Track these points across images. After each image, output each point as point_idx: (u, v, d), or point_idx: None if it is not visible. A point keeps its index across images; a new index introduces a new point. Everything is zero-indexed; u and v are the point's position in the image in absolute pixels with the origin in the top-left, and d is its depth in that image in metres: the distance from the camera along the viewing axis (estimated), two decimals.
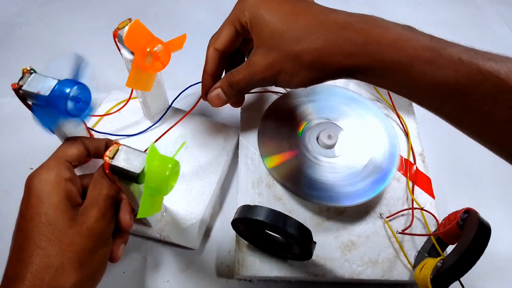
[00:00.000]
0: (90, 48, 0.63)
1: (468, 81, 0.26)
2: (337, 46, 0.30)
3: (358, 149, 0.46)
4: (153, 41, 0.36)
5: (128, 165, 0.31)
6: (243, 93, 0.41)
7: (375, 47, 0.29)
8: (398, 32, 0.29)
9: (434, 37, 0.29)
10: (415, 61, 0.28)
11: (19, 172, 0.49)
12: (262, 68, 0.35)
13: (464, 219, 0.36)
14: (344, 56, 0.30)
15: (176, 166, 0.31)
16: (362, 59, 0.29)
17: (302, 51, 0.31)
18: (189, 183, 0.46)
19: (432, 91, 0.28)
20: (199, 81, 0.42)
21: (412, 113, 0.52)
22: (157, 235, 0.43)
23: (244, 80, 0.37)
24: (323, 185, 0.44)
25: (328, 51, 0.30)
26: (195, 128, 0.50)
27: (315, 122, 0.48)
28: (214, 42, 0.40)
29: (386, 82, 0.30)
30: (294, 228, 0.34)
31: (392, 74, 0.29)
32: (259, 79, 0.36)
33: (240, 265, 0.40)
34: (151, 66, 0.37)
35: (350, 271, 0.40)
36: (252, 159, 0.47)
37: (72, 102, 0.33)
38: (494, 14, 0.74)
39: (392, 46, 0.28)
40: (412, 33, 0.29)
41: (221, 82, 0.39)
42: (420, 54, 0.28)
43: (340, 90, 0.51)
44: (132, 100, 0.49)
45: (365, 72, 0.30)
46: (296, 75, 0.33)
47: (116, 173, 0.31)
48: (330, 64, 0.31)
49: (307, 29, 0.31)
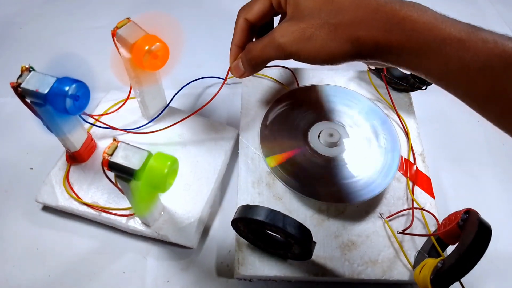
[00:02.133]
0: (90, 48, 0.63)
1: (500, 63, 0.26)
2: (375, 22, 0.30)
3: (359, 149, 0.46)
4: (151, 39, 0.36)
5: (126, 162, 0.31)
6: (260, 66, 0.39)
7: (411, 25, 0.29)
8: (434, 14, 0.29)
9: (471, 24, 0.29)
10: (449, 41, 0.28)
11: (19, 172, 0.49)
12: (289, 34, 0.33)
13: (465, 220, 0.36)
14: (381, 33, 0.30)
15: (175, 163, 0.31)
16: (397, 37, 0.29)
17: (341, 23, 0.31)
18: (187, 182, 0.46)
19: (463, 72, 0.28)
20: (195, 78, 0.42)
21: (412, 113, 0.52)
22: (154, 234, 0.43)
23: (262, 52, 0.36)
24: (324, 183, 0.44)
25: (366, 26, 0.30)
26: (194, 128, 0.50)
27: (317, 121, 0.48)
28: (246, 12, 0.38)
29: (417, 64, 0.30)
30: (294, 228, 0.34)
31: (424, 54, 0.29)
32: (282, 47, 0.34)
33: (240, 265, 0.40)
34: (149, 65, 0.37)
35: (350, 270, 0.40)
36: (252, 158, 0.47)
37: (71, 100, 0.33)
38: (494, 14, 0.74)
39: (427, 27, 0.29)
40: (449, 18, 0.29)
41: (241, 54, 0.39)
42: (455, 35, 0.28)
43: (341, 90, 0.51)
44: (130, 100, 0.49)
45: (397, 52, 0.30)
46: (326, 46, 0.32)
47: (115, 170, 0.31)
48: (365, 40, 0.31)
49: (348, 4, 0.31)
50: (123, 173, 0.31)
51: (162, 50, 0.37)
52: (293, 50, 0.33)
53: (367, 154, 0.46)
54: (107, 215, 0.43)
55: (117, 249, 0.44)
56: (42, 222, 0.46)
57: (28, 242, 0.44)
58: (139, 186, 0.33)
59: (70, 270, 0.43)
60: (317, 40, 0.32)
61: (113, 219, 0.43)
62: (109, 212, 0.43)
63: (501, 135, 0.58)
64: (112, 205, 0.44)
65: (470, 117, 0.57)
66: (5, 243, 0.44)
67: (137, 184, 0.33)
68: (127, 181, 0.33)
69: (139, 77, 0.42)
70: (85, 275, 0.43)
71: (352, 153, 0.46)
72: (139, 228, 0.43)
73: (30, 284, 0.42)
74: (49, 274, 0.42)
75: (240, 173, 0.46)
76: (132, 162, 0.30)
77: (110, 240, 0.45)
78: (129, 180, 0.32)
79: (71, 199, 0.44)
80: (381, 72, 0.53)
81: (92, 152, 0.47)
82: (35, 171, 0.49)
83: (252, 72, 0.39)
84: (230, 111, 0.56)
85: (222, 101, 0.57)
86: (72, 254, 0.44)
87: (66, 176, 0.45)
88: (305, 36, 0.33)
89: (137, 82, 0.43)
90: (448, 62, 0.28)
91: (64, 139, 0.42)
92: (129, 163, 0.30)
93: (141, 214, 0.41)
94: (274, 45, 0.34)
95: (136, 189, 0.34)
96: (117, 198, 0.44)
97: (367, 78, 0.54)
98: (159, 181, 0.30)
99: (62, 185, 0.45)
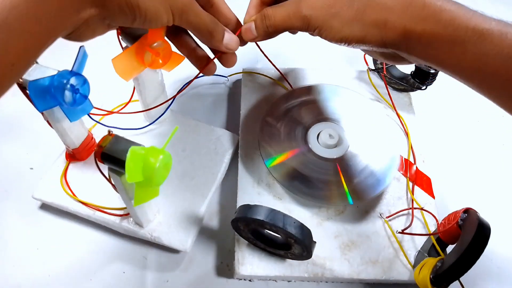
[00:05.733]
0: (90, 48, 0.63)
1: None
2: (409, 10, 0.30)
3: (359, 149, 0.46)
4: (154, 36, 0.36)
5: (118, 154, 0.31)
6: (276, 34, 0.36)
7: (449, 15, 0.29)
8: (461, 8, 0.30)
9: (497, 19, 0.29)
10: (472, 34, 0.28)
11: (19, 172, 0.49)
12: (317, 8, 0.32)
13: (464, 219, 0.36)
14: (413, 21, 0.30)
15: (167, 158, 0.31)
16: (432, 26, 0.29)
17: (371, 4, 0.31)
18: (185, 186, 0.46)
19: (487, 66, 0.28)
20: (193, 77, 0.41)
21: (412, 113, 0.52)
22: (147, 236, 0.42)
23: (284, 21, 0.34)
24: (323, 185, 0.44)
25: (398, 12, 0.30)
26: (194, 133, 0.50)
27: (316, 121, 0.48)
28: None
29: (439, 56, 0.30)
30: (294, 228, 0.34)
31: (447, 46, 0.29)
32: (307, 20, 0.33)
33: (240, 265, 0.40)
34: (151, 63, 0.37)
35: (350, 270, 0.40)
36: (252, 158, 0.47)
37: (70, 92, 0.34)
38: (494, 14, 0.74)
39: (466, 17, 0.29)
40: (475, 12, 0.29)
41: (257, 17, 0.36)
42: (479, 28, 0.28)
43: (340, 90, 0.52)
44: (132, 102, 0.49)
45: (427, 42, 0.30)
46: (351, 26, 0.32)
47: (107, 161, 0.31)
48: (394, 26, 0.30)
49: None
50: (115, 165, 0.31)
51: (164, 48, 0.36)
52: (318, 24, 0.33)
53: (366, 154, 0.46)
54: (101, 214, 0.43)
55: (117, 249, 0.44)
56: (42, 222, 0.46)
57: (28, 241, 0.44)
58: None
59: (70, 270, 0.43)
60: (343, 18, 0.32)
61: (107, 218, 0.43)
62: (103, 211, 0.43)
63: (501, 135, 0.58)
64: (107, 205, 0.44)
65: (470, 117, 0.57)
66: (5, 243, 0.44)
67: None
68: (119, 174, 0.33)
69: (141, 76, 0.42)
70: (85, 275, 0.43)
71: (352, 153, 0.46)
72: (132, 228, 0.43)
73: (30, 283, 0.42)
74: (49, 274, 0.42)
75: (240, 173, 0.46)
76: (124, 154, 0.30)
77: (110, 240, 0.45)
78: (121, 173, 0.32)
79: (67, 197, 0.44)
80: (381, 72, 0.53)
81: (91, 151, 0.47)
82: (35, 171, 0.49)
83: (265, 39, 0.37)
84: (230, 111, 0.56)
85: (222, 101, 0.57)
86: (72, 254, 0.44)
87: (64, 174, 0.45)
88: (332, 12, 0.32)
89: (139, 81, 0.43)
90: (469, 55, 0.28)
91: (63, 134, 0.42)
92: (122, 155, 0.30)
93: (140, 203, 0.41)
94: (300, 16, 0.33)
95: (128, 184, 0.34)
96: (113, 198, 0.44)
97: (367, 78, 0.54)
98: (150, 175, 0.30)
99: (59, 183, 0.45)
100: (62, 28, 0.27)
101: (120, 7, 0.28)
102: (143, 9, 0.28)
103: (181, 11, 0.31)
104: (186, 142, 0.49)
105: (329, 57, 0.61)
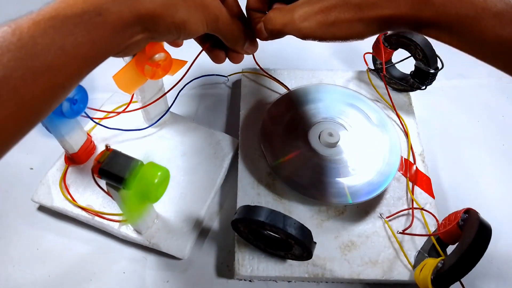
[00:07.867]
0: None
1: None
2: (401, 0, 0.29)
3: (359, 149, 0.46)
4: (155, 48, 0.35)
5: (116, 170, 0.31)
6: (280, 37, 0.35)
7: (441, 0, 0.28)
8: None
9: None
10: (484, 15, 0.27)
11: (19, 172, 0.49)
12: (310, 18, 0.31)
13: (465, 220, 0.36)
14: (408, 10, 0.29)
15: (166, 174, 0.31)
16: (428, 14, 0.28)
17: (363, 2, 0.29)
18: (183, 191, 0.46)
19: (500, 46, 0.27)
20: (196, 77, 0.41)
21: (412, 113, 0.52)
22: (146, 242, 0.42)
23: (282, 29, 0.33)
24: (324, 184, 0.44)
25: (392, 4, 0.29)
26: (194, 137, 0.50)
27: (317, 121, 0.48)
28: None
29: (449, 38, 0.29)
30: (294, 229, 0.34)
31: (457, 28, 0.28)
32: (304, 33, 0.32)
33: (240, 265, 0.40)
34: (152, 75, 0.36)
35: (350, 271, 0.40)
36: (252, 159, 0.47)
37: (68, 103, 0.33)
38: None
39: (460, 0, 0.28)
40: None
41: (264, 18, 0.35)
42: (490, 7, 0.27)
43: (340, 90, 0.51)
44: (132, 104, 0.49)
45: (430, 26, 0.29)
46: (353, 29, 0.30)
47: (105, 177, 0.31)
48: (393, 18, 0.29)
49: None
50: (113, 181, 0.31)
51: (164, 59, 0.36)
52: (317, 36, 0.32)
53: (367, 154, 0.46)
54: (100, 220, 0.43)
55: (117, 250, 0.44)
56: (43, 222, 0.46)
57: (28, 242, 0.44)
58: (129, 195, 0.33)
59: (70, 271, 0.43)
60: (342, 24, 0.30)
61: (105, 224, 0.43)
62: (102, 216, 0.43)
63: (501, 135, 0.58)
64: (106, 210, 0.44)
65: (470, 117, 0.57)
66: (5, 243, 0.44)
67: (127, 193, 0.32)
68: (117, 190, 0.33)
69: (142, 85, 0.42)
70: (85, 275, 0.43)
71: (352, 153, 0.46)
72: (130, 234, 0.43)
73: (30, 284, 0.42)
74: (49, 275, 0.42)
75: (240, 174, 0.46)
76: (123, 171, 0.30)
77: (110, 241, 0.45)
78: (119, 188, 0.32)
79: (66, 201, 0.44)
80: (380, 72, 0.53)
81: (91, 154, 0.47)
82: (35, 171, 0.49)
83: (273, 39, 0.36)
84: (230, 111, 0.56)
85: (222, 101, 0.57)
86: (72, 254, 0.44)
87: (63, 177, 0.45)
88: (329, 21, 0.31)
89: (140, 89, 0.43)
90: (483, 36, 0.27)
91: (62, 140, 0.41)
92: (119, 172, 0.30)
93: (131, 223, 0.41)
94: (295, 29, 0.32)
95: (126, 198, 0.34)
96: (111, 203, 0.44)
97: (367, 78, 0.54)
98: (148, 191, 0.30)
99: (58, 186, 0.45)
100: (115, 52, 0.28)
101: (168, 29, 0.29)
102: (188, 28, 0.30)
103: (214, 22, 0.33)
104: (185, 146, 0.49)
105: (329, 57, 0.61)
